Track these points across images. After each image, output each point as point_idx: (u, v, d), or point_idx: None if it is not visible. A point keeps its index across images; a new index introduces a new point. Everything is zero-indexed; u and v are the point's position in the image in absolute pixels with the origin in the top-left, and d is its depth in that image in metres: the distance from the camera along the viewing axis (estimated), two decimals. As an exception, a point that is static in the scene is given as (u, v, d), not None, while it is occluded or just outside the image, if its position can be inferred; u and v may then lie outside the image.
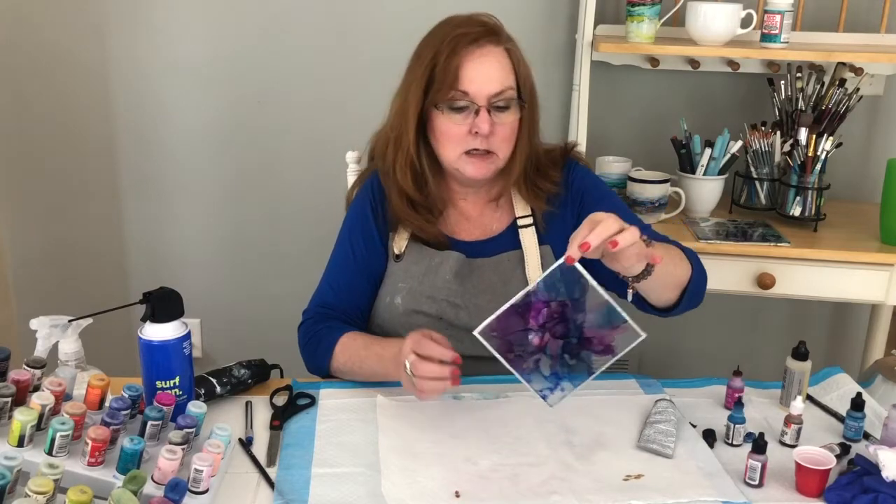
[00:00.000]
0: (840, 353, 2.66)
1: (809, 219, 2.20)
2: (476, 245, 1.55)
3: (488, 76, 1.41)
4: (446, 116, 1.43)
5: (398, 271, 1.53)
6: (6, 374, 1.17)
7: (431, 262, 1.52)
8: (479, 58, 1.41)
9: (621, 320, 1.23)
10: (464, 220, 1.57)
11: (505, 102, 1.43)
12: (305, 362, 1.53)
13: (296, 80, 2.50)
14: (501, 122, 1.44)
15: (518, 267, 1.52)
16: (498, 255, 1.53)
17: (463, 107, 1.42)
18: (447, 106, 1.43)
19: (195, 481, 1.08)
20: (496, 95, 1.42)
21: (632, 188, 2.21)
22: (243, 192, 2.60)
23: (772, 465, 1.20)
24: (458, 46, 1.41)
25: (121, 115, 2.54)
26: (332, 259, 1.60)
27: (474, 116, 1.42)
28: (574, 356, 1.28)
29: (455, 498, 1.15)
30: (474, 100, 1.41)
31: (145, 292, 1.20)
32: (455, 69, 1.41)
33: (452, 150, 1.46)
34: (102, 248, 2.66)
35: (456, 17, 1.47)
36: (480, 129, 1.42)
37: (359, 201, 1.59)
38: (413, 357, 1.27)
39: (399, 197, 1.52)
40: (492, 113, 1.42)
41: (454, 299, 1.50)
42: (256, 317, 2.70)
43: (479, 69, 1.41)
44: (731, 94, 2.46)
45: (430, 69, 1.43)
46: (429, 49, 1.44)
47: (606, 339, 1.27)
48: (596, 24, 2.24)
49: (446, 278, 1.50)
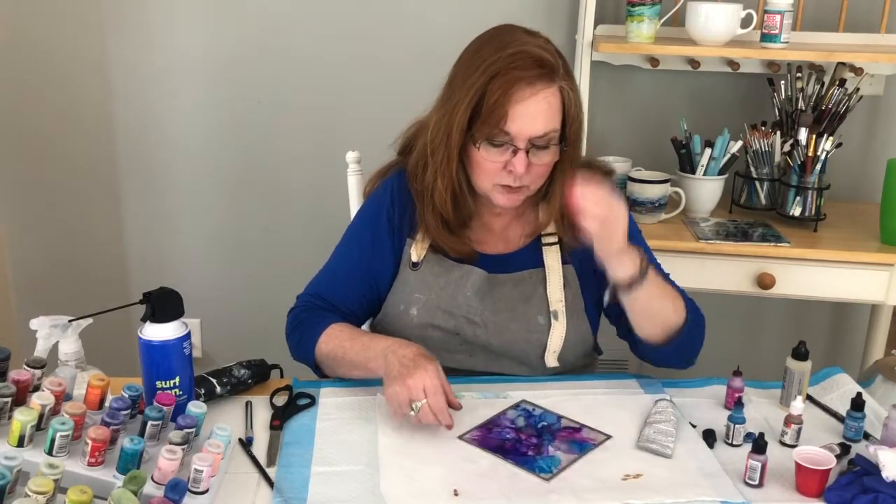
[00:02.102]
0: (840, 353, 2.66)
1: (809, 219, 2.20)
2: (498, 259, 1.50)
3: (533, 119, 1.33)
4: (484, 150, 1.37)
5: (415, 280, 1.49)
6: (6, 374, 1.17)
7: (451, 275, 1.48)
8: (529, 99, 1.32)
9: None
10: (487, 232, 1.52)
11: (545, 143, 1.35)
12: (291, 349, 1.51)
13: (296, 80, 2.50)
14: (539, 161, 1.37)
15: (540, 285, 1.48)
16: (520, 271, 1.49)
17: (501, 143, 1.35)
18: (486, 140, 1.36)
19: (195, 481, 1.08)
20: (538, 137, 1.34)
21: (632, 188, 2.21)
22: (243, 192, 2.60)
23: (772, 465, 1.20)
24: (511, 89, 1.31)
25: (121, 115, 2.54)
26: (336, 250, 1.57)
27: (511, 154, 1.35)
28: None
29: (454, 497, 1.15)
30: (514, 141, 1.34)
31: (145, 292, 1.20)
32: (503, 112, 1.32)
33: (485, 181, 1.40)
34: (102, 248, 2.66)
35: (512, 41, 1.35)
36: (515, 170, 1.35)
37: (375, 200, 1.54)
38: (425, 404, 1.25)
39: (435, 219, 1.46)
40: (530, 152, 1.35)
41: (473, 316, 1.47)
42: (256, 317, 2.69)
43: (527, 111, 1.32)
44: (731, 94, 2.46)
45: (477, 101, 1.34)
46: (479, 74, 1.34)
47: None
48: (596, 24, 2.24)
49: (467, 295, 1.47)
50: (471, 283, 1.47)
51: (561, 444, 1.27)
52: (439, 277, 1.48)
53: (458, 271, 1.48)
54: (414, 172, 1.48)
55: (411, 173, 1.49)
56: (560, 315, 1.47)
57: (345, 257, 1.55)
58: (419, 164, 1.46)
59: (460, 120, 1.36)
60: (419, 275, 1.49)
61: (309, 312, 1.50)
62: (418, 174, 1.47)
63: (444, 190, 1.42)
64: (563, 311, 1.47)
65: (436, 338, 1.48)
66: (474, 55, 1.38)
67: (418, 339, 1.45)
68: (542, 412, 1.36)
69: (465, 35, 1.47)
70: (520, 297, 1.48)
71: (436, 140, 1.41)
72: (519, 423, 1.33)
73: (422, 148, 1.45)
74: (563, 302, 1.47)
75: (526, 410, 1.36)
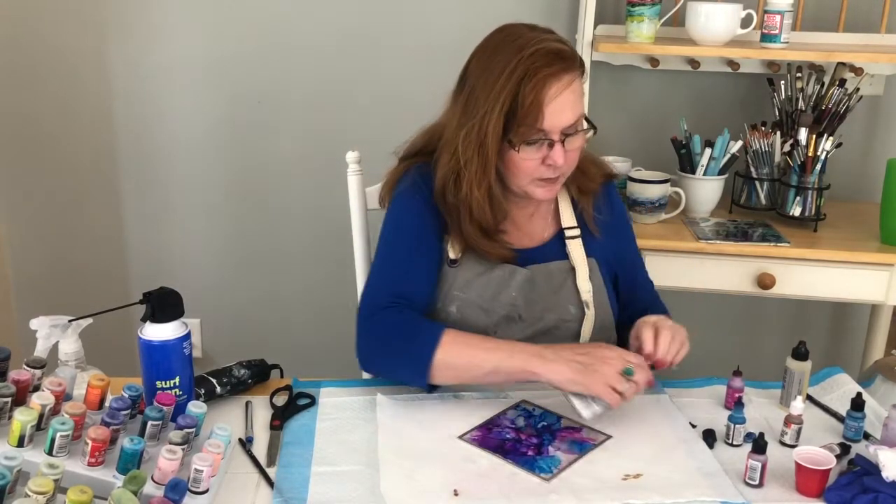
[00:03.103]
0: (840, 353, 2.66)
1: (809, 219, 2.20)
2: (526, 253, 1.51)
3: (564, 110, 1.35)
4: (523, 150, 1.37)
5: (452, 278, 1.48)
6: (6, 374, 1.17)
7: (493, 274, 1.47)
8: (561, 94, 1.34)
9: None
10: (514, 228, 1.51)
11: (575, 130, 1.38)
12: (384, 357, 1.40)
13: (296, 80, 2.50)
14: (572, 146, 1.39)
15: (569, 277, 1.51)
16: (547, 263, 1.51)
17: (536, 140, 1.36)
18: (523, 142, 1.36)
19: (195, 481, 1.08)
20: (570, 127, 1.37)
21: (632, 188, 2.21)
22: (243, 192, 2.60)
23: (772, 465, 1.20)
24: (544, 89, 1.33)
25: (121, 115, 2.54)
26: (388, 251, 1.48)
27: (548, 149, 1.37)
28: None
29: (454, 497, 1.15)
30: (549, 135, 1.36)
31: (145, 292, 1.20)
32: (539, 112, 1.33)
33: (523, 179, 1.41)
34: (102, 248, 2.66)
35: (527, 42, 1.35)
36: (556, 162, 1.37)
37: (409, 196, 1.49)
38: (634, 367, 1.29)
39: (474, 228, 1.44)
40: (565, 142, 1.38)
41: (513, 313, 1.48)
42: (256, 317, 2.70)
43: (559, 105, 1.34)
44: (731, 94, 2.46)
45: (509, 105, 1.34)
46: (504, 80, 1.34)
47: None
48: (596, 24, 2.24)
49: (512, 294, 1.47)
50: (515, 283, 1.48)
51: (561, 444, 1.27)
52: (481, 276, 1.48)
53: (500, 270, 1.48)
54: (443, 188, 1.44)
55: (439, 190, 1.45)
56: (590, 304, 1.50)
57: (407, 251, 1.47)
58: (449, 179, 1.43)
59: (495, 128, 1.35)
60: (458, 272, 1.48)
61: (405, 314, 1.39)
62: (450, 188, 1.44)
63: (483, 199, 1.42)
64: (592, 301, 1.50)
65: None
66: (491, 61, 1.37)
67: None
68: (543, 412, 1.36)
69: (465, 35, 1.47)
70: (551, 289, 1.50)
71: (468, 151, 1.39)
72: (519, 423, 1.33)
73: (450, 163, 1.42)
74: (591, 292, 1.51)
75: (526, 410, 1.36)
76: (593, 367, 1.27)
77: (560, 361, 1.29)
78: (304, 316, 2.68)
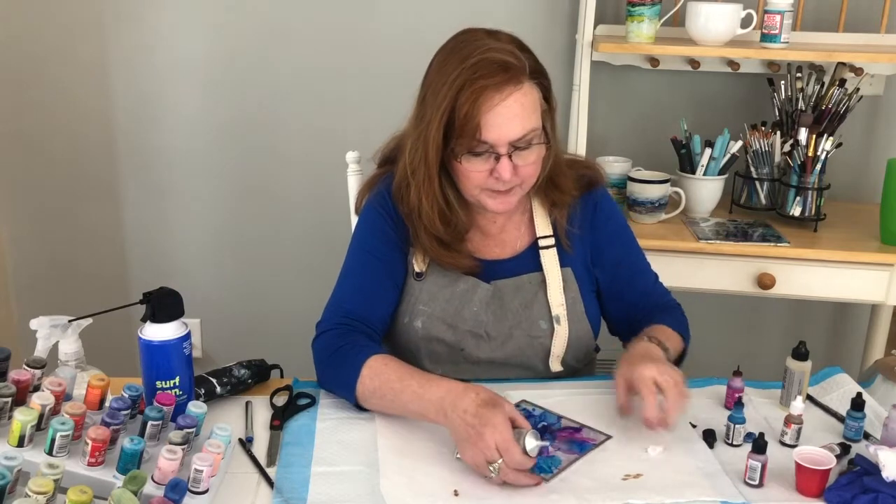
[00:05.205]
0: (840, 353, 2.66)
1: (809, 219, 2.20)
2: (497, 264, 1.48)
3: (509, 123, 1.31)
4: (466, 161, 1.35)
5: (418, 292, 1.47)
6: (6, 374, 1.17)
7: (457, 288, 1.45)
8: (500, 105, 1.30)
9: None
10: (485, 237, 1.50)
11: (526, 144, 1.34)
12: (323, 382, 1.41)
13: (296, 80, 2.50)
14: (524, 161, 1.35)
15: (540, 290, 1.47)
16: (519, 275, 1.48)
17: (482, 151, 1.33)
18: (467, 152, 1.34)
19: (195, 481, 1.08)
20: (518, 140, 1.33)
21: (632, 188, 2.21)
22: (243, 192, 2.60)
23: (772, 465, 1.20)
24: (479, 99, 1.29)
25: (121, 115, 2.54)
26: (347, 267, 1.49)
27: (495, 161, 1.34)
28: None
29: (454, 497, 1.15)
30: (495, 147, 1.32)
31: (145, 292, 1.20)
32: (476, 123, 1.30)
33: (473, 189, 1.38)
34: (102, 248, 2.66)
35: (474, 50, 1.32)
36: (502, 176, 1.34)
37: (373, 209, 1.49)
38: (502, 465, 1.14)
39: (429, 238, 1.43)
40: (513, 155, 1.33)
41: (478, 329, 1.46)
42: (256, 317, 2.70)
43: (500, 117, 1.30)
44: (731, 94, 2.46)
45: (447, 116, 1.32)
46: (446, 90, 1.32)
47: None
48: (596, 24, 2.24)
49: (474, 310, 1.45)
50: (477, 299, 1.46)
51: (561, 444, 1.27)
52: (444, 289, 1.46)
53: (464, 284, 1.46)
54: (398, 195, 1.45)
55: (395, 196, 1.45)
56: (562, 319, 1.47)
57: (365, 270, 1.47)
58: (402, 185, 1.43)
59: (435, 138, 1.34)
60: (423, 286, 1.47)
61: (342, 340, 1.38)
62: (403, 196, 1.44)
63: (431, 209, 1.40)
64: (565, 314, 1.47)
65: (440, 351, 1.47)
66: (440, 70, 1.36)
67: (424, 352, 1.45)
68: (543, 412, 1.36)
69: (465, 35, 1.46)
70: (521, 304, 1.47)
71: (415, 160, 1.39)
72: None
73: (402, 169, 1.42)
74: (563, 306, 1.47)
75: (526, 410, 1.36)
76: (473, 441, 1.16)
77: (457, 421, 1.19)
78: (305, 316, 2.67)
